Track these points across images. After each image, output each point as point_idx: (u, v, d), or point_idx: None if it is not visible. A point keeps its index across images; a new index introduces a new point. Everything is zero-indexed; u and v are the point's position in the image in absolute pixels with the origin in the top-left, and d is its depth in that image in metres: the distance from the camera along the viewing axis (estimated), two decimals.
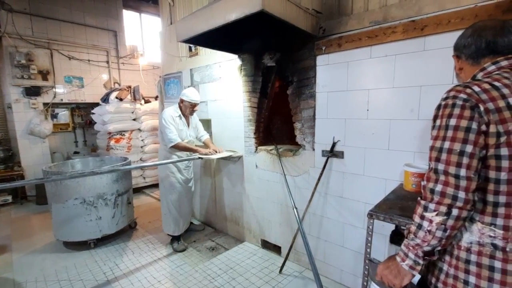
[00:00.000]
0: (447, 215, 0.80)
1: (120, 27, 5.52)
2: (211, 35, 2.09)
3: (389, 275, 0.95)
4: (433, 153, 0.86)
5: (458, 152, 0.79)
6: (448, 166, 0.81)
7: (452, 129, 0.81)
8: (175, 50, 3.63)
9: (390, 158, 1.89)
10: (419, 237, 0.87)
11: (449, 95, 0.85)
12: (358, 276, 2.17)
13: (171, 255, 2.81)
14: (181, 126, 2.82)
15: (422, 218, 0.86)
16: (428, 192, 0.85)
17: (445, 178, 0.81)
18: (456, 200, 0.79)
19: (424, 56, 1.69)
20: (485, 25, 0.95)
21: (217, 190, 3.34)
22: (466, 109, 0.79)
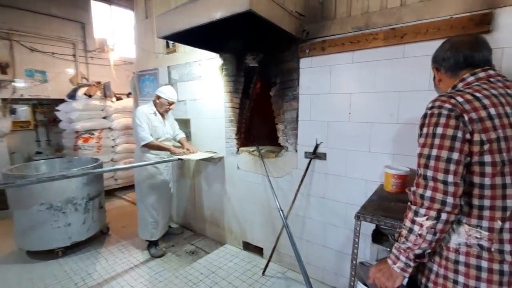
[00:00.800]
0: (437, 219, 0.84)
1: (88, 18, 5.17)
2: (192, 33, 2.02)
3: (382, 278, 0.98)
4: (422, 160, 0.90)
5: (445, 159, 0.84)
6: (437, 172, 0.85)
7: (439, 137, 0.85)
8: (151, 46, 3.47)
9: (371, 160, 1.96)
10: (410, 240, 0.90)
11: (434, 105, 0.90)
12: (339, 275, 2.23)
13: (148, 261, 2.69)
14: (156, 123, 2.71)
15: (413, 223, 0.89)
16: (418, 197, 0.89)
17: (433, 184, 0.85)
18: (445, 205, 0.83)
19: (403, 63, 1.77)
20: (462, 40, 1.02)
21: (197, 191, 3.25)
22: (452, 118, 0.84)
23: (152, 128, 2.67)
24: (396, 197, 1.67)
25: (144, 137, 2.57)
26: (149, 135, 2.60)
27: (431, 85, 1.68)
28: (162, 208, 2.85)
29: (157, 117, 2.75)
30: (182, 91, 3.18)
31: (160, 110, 2.75)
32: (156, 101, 2.74)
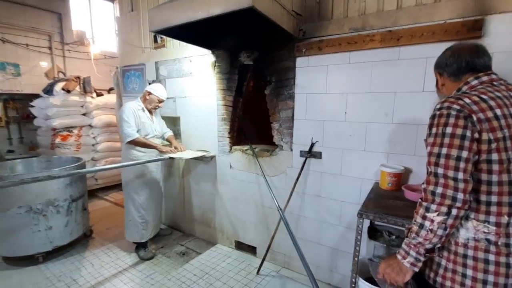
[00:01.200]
0: (447, 214, 0.88)
1: (65, 9, 4.86)
2: (186, 28, 1.96)
3: (392, 273, 1.01)
4: (432, 159, 0.93)
5: (455, 157, 0.87)
6: (447, 170, 0.88)
7: (449, 136, 0.88)
8: (137, 40, 3.33)
9: (366, 158, 2.01)
10: (421, 236, 0.93)
11: (443, 106, 0.93)
12: (334, 271, 2.27)
13: (137, 264, 2.59)
14: (144, 119, 2.62)
15: (424, 218, 0.92)
16: (430, 194, 0.91)
17: (444, 181, 0.88)
18: (455, 201, 0.86)
19: (399, 65, 1.82)
20: (463, 47, 1.08)
21: (186, 191, 3.17)
22: (460, 118, 0.88)
23: (141, 125, 2.58)
24: (392, 195, 1.73)
25: (129, 134, 2.47)
26: (136, 131, 2.50)
27: (425, 87, 1.76)
28: (152, 208, 2.76)
29: (146, 113, 2.66)
30: (171, 88, 3.09)
31: (148, 106, 2.66)
32: (146, 97, 2.64)
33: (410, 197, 1.64)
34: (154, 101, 2.64)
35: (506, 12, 1.50)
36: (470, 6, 1.58)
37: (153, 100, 2.63)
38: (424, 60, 1.73)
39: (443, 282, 0.97)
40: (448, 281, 0.95)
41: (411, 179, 1.86)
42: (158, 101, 2.66)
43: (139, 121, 2.57)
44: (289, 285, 2.30)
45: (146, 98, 2.64)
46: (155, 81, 3.24)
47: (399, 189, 1.78)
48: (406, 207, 1.52)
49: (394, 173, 1.79)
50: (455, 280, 0.94)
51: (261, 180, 2.55)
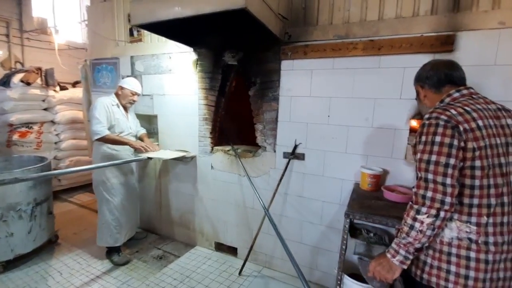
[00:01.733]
0: (436, 216, 0.96)
1: None
2: (169, 23, 1.89)
3: (382, 271, 1.08)
4: (422, 165, 1.00)
5: (444, 164, 0.95)
6: (436, 175, 0.96)
7: (438, 144, 0.96)
8: (110, 32, 3.13)
9: (347, 160, 2.11)
10: (412, 236, 1.00)
11: (431, 116, 1.01)
12: (314, 269, 2.35)
13: (111, 270, 2.44)
14: (118, 115, 2.49)
15: (415, 220, 0.99)
16: (420, 197, 0.99)
17: (434, 186, 0.96)
18: (444, 204, 0.95)
19: (379, 73, 1.93)
20: (440, 62, 1.21)
21: (163, 192, 3.06)
22: (448, 128, 0.96)
23: (115, 121, 2.45)
24: (372, 195, 1.83)
25: (97, 131, 2.29)
26: (106, 128, 2.35)
27: (402, 95, 1.88)
28: (128, 210, 2.63)
29: (120, 109, 2.53)
30: (148, 85, 2.95)
31: (122, 102, 2.54)
32: (119, 92, 2.52)
33: (389, 197, 1.76)
34: (128, 95, 2.51)
35: (475, 29, 1.66)
36: (443, 22, 1.73)
37: (127, 95, 2.51)
38: (402, 69, 1.86)
39: (429, 279, 1.05)
40: (434, 277, 1.04)
41: (388, 180, 1.99)
42: (132, 94, 2.52)
43: (113, 118, 2.43)
44: (271, 284, 2.33)
45: (119, 93, 2.52)
46: (130, 76, 3.08)
47: (378, 190, 1.90)
48: (387, 207, 1.62)
49: (374, 175, 1.90)
50: (440, 276, 1.02)
51: (243, 181, 2.55)
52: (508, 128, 1.02)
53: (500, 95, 1.60)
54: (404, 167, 1.93)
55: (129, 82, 2.54)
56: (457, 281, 0.99)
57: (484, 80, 1.65)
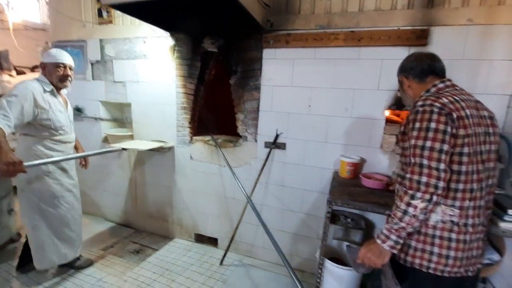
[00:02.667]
0: (429, 201, 0.99)
1: None
2: (143, 4, 1.77)
3: (372, 257, 1.11)
4: (417, 151, 1.02)
5: (438, 150, 0.99)
6: (431, 161, 0.99)
7: (433, 131, 1.00)
8: (76, 12, 2.86)
9: (326, 149, 2.16)
10: (405, 221, 1.03)
11: (425, 103, 1.04)
12: (294, 255, 2.42)
13: (84, 268, 2.31)
14: (58, 106, 1.96)
15: (409, 205, 1.01)
16: (415, 183, 1.01)
17: (428, 171, 0.99)
18: (437, 188, 0.98)
19: (358, 64, 1.98)
20: (422, 54, 1.27)
21: (139, 185, 2.94)
22: (442, 115, 1.00)
23: (50, 114, 1.88)
24: (351, 182, 1.91)
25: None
26: (11, 127, 1.66)
27: (380, 85, 1.96)
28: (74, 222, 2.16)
29: (58, 99, 1.98)
30: (120, 71, 2.77)
31: (55, 82, 1.95)
32: (44, 73, 1.95)
33: (367, 184, 1.84)
34: (53, 72, 1.93)
35: (447, 25, 1.75)
36: (419, 16, 1.81)
37: (52, 71, 1.93)
38: (380, 61, 1.93)
39: (413, 261, 1.11)
40: (417, 259, 1.10)
41: (366, 168, 2.08)
42: (56, 67, 1.92)
43: (49, 110, 1.88)
44: (252, 272, 2.36)
45: (45, 74, 1.95)
46: (99, 61, 2.86)
47: (356, 177, 1.98)
48: (365, 193, 1.70)
49: (353, 163, 1.97)
50: (424, 257, 1.08)
51: (223, 172, 2.52)
52: (485, 119, 1.09)
53: (467, 87, 1.71)
54: (380, 156, 2.03)
55: (50, 53, 1.95)
56: (439, 261, 1.06)
57: (454, 73, 1.75)
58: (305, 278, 2.29)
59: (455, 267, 1.06)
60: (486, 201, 1.09)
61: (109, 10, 2.70)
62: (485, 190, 1.07)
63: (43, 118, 1.85)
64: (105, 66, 2.83)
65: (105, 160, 3.02)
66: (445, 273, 1.06)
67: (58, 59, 1.93)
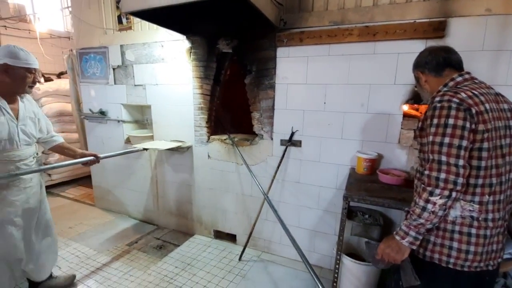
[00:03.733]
0: (448, 197, 0.99)
1: None
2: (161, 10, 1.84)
3: (391, 252, 1.12)
4: (435, 147, 1.02)
5: (457, 146, 0.98)
6: (449, 157, 0.98)
7: (451, 127, 0.98)
8: (97, 20, 3.01)
9: (343, 146, 2.16)
10: (424, 217, 1.03)
11: (443, 99, 1.03)
12: (312, 251, 2.44)
13: (112, 262, 2.45)
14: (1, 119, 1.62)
15: (427, 202, 1.01)
16: (434, 179, 1.01)
17: (447, 168, 0.98)
18: (456, 185, 0.97)
19: (374, 59, 1.97)
20: (436, 48, 1.24)
21: (159, 184, 3.06)
22: (461, 111, 0.98)
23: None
24: (368, 179, 1.90)
25: None
26: None
27: (396, 80, 1.93)
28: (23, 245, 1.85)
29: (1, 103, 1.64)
30: (139, 75, 2.89)
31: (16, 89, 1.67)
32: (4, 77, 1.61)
33: (384, 180, 1.83)
34: (23, 76, 1.64)
35: (465, 16, 1.71)
36: (436, 8, 1.77)
37: (22, 77, 1.63)
38: (396, 55, 1.90)
39: (432, 255, 1.11)
40: (436, 254, 1.10)
41: (383, 163, 2.06)
42: (29, 71, 1.65)
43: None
44: (271, 267, 2.41)
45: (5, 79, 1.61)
46: (120, 66, 3.00)
47: (373, 173, 1.97)
48: (383, 189, 1.69)
49: (370, 159, 1.97)
50: (443, 252, 1.08)
51: (240, 169, 2.58)
52: (505, 112, 1.07)
53: (487, 79, 1.66)
54: (398, 151, 2.01)
55: (18, 54, 1.61)
56: (458, 256, 1.05)
57: (473, 65, 1.71)
58: (323, 274, 2.31)
59: (475, 261, 1.05)
60: (507, 195, 1.07)
61: (128, 17, 2.82)
62: (506, 184, 1.05)
63: None
64: (126, 71, 2.96)
65: (128, 160, 3.16)
66: (465, 268, 1.06)
67: (30, 63, 1.65)
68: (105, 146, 3.31)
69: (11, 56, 1.60)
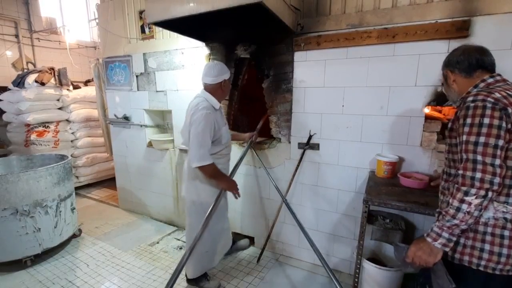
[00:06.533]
0: (484, 197, 0.97)
1: None
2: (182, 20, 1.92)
3: (423, 255, 1.10)
4: (470, 146, 1.00)
5: (493, 145, 0.96)
6: (485, 157, 0.97)
7: (487, 126, 0.97)
8: (122, 30, 3.17)
9: (362, 149, 2.14)
10: (458, 218, 1.01)
11: (477, 99, 1.01)
12: (331, 255, 2.41)
13: (136, 261, 2.55)
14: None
15: (462, 202, 1.00)
16: (469, 179, 0.99)
17: (483, 167, 0.97)
18: (492, 184, 0.96)
19: (394, 61, 1.94)
20: (471, 47, 1.19)
21: (180, 186, 3.14)
22: (496, 110, 0.97)
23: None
24: (389, 182, 1.87)
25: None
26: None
27: (417, 82, 1.90)
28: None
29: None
30: (161, 81, 3.01)
31: (223, 99, 2.15)
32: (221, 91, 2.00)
33: (405, 183, 1.79)
34: (229, 87, 2.12)
35: (490, 14, 1.65)
36: (458, 7, 1.73)
37: (228, 87, 2.09)
38: (417, 56, 1.87)
39: (461, 258, 1.08)
40: (466, 256, 1.07)
41: (404, 167, 2.02)
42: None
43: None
44: (289, 271, 2.41)
45: (221, 91, 2.00)
46: (142, 73, 3.13)
47: (394, 177, 1.93)
48: (404, 193, 1.66)
49: (390, 162, 1.93)
50: (473, 254, 1.06)
51: (258, 172, 2.61)
52: None
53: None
54: (419, 154, 1.96)
55: (227, 70, 2.00)
56: (490, 258, 1.03)
57: (501, 65, 1.63)
58: (342, 278, 2.28)
59: (508, 265, 1.02)
60: None
61: (151, 26, 2.95)
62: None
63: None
64: (148, 78, 3.09)
65: (149, 163, 3.29)
66: (496, 271, 1.03)
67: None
68: (128, 150, 3.46)
69: (226, 72, 1.97)
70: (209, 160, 1.79)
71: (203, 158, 1.78)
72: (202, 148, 1.78)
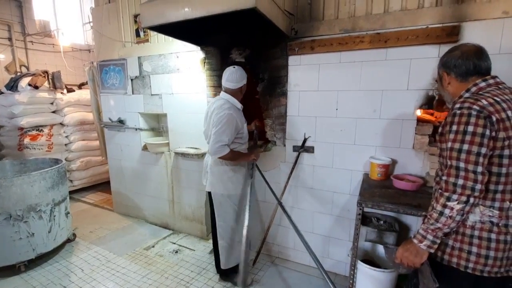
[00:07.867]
0: (466, 203, 1.00)
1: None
2: (177, 24, 1.93)
3: (410, 256, 1.13)
4: (454, 153, 1.03)
5: (475, 153, 0.98)
6: (468, 164, 0.99)
7: (470, 134, 0.99)
8: (116, 33, 3.17)
9: (356, 151, 2.16)
10: (441, 222, 1.04)
11: (463, 106, 1.03)
12: (325, 257, 2.43)
13: (131, 265, 2.53)
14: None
15: (445, 207, 1.03)
16: (451, 185, 1.02)
17: (465, 174, 0.99)
18: (474, 191, 0.98)
19: (386, 65, 1.97)
20: (470, 50, 1.15)
21: (175, 189, 3.14)
22: (481, 118, 0.99)
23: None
24: (382, 184, 1.90)
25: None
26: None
27: (409, 86, 1.93)
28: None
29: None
30: (156, 84, 3.01)
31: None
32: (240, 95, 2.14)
33: (398, 186, 1.82)
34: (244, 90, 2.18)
35: (479, 19, 1.70)
36: (448, 13, 1.77)
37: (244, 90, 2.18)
38: (409, 61, 1.90)
39: (450, 259, 1.11)
40: (455, 258, 1.10)
41: (397, 169, 2.05)
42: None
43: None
44: (285, 273, 2.42)
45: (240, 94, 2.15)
46: (137, 77, 3.13)
47: (387, 179, 1.96)
48: (397, 195, 1.69)
49: (383, 164, 1.96)
50: (461, 256, 1.08)
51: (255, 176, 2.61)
52: None
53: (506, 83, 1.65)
54: (412, 156, 1.99)
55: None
56: (477, 261, 1.05)
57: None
58: (337, 280, 2.30)
59: (495, 267, 1.05)
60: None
61: (146, 30, 2.96)
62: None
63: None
64: (143, 81, 3.09)
65: (144, 166, 3.28)
66: (484, 273, 1.06)
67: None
68: (123, 153, 3.44)
69: (245, 77, 2.11)
70: (227, 149, 1.97)
71: (223, 148, 1.95)
72: (221, 140, 1.95)
